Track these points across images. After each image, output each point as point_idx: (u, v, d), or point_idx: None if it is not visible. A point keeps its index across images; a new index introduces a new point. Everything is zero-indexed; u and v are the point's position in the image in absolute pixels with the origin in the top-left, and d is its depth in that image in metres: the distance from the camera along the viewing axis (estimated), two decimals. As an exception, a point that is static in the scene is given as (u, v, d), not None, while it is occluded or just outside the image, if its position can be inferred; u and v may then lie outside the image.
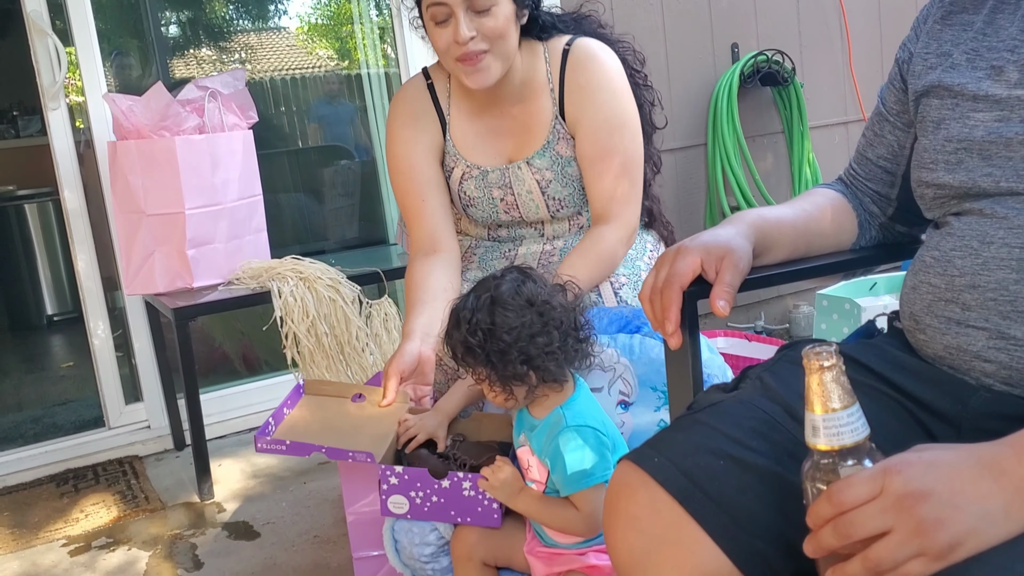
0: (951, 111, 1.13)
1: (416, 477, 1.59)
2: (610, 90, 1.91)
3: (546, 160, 1.95)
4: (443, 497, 1.59)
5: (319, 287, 2.61)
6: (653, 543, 0.98)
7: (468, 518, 1.60)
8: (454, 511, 1.60)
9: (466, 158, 1.99)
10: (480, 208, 2.03)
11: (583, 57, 1.92)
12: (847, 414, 0.84)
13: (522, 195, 1.98)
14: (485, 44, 1.78)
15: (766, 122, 3.61)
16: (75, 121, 3.08)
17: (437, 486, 1.59)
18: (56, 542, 2.50)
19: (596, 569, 1.51)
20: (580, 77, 1.91)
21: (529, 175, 1.96)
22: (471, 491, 1.58)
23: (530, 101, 1.95)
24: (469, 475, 1.58)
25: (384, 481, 1.60)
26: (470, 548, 1.60)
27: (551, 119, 1.94)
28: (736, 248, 1.18)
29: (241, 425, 3.21)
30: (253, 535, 2.44)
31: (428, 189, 1.99)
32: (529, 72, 1.93)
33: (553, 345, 1.44)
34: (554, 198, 1.97)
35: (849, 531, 0.80)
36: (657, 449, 1.03)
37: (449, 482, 1.58)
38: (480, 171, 1.99)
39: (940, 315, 1.08)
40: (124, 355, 3.23)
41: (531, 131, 1.96)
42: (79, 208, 3.00)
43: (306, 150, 4.30)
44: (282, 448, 1.64)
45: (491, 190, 2.00)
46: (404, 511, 1.62)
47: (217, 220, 2.77)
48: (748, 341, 2.90)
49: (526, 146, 1.97)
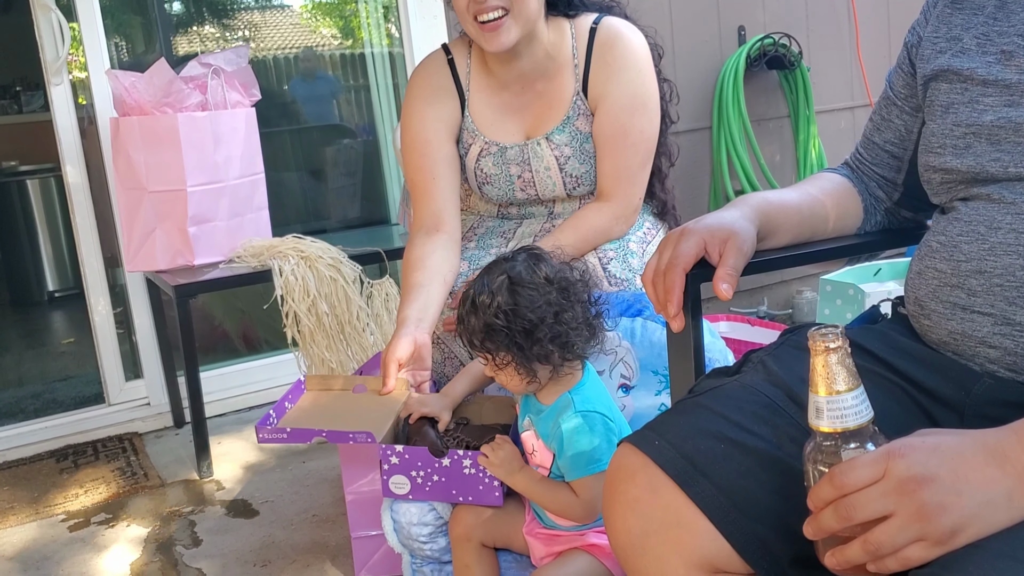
0: (960, 95, 1.12)
1: (416, 456, 1.59)
2: (636, 69, 1.92)
3: (565, 136, 1.95)
4: (444, 476, 1.59)
5: (320, 266, 2.60)
6: (652, 525, 0.98)
7: (469, 497, 1.60)
8: (455, 490, 1.60)
9: (484, 134, 1.99)
10: (496, 186, 2.02)
11: (612, 35, 1.92)
12: (851, 396, 0.83)
13: (540, 172, 1.98)
14: (504, 3, 1.79)
15: (772, 106, 3.59)
16: (78, 97, 3.06)
17: (438, 465, 1.58)
18: (55, 517, 2.50)
19: (596, 548, 1.51)
20: (607, 55, 1.91)
21: (548, 151, 1.96)
22: (471, 469, 1.57)
23: (554, 77, 1.95)
24: (469, 453, 1.57)
25: (385, 461, 1.60)
26: (468, 529, 1.60)
27: (572, 95, 1.94)
28: (740, 231, 1.17)
29: (241, 403, 3.21)
30: (252, 513, 2.44)
31: (440, 167, 1.99)
32: (555, 48, 1.94)
33: (578, 320, 1.45)
34: (571, 175, 1.97)
35: (850, 514, 0.79)
36: (658, 432, 1.03)
37: (449, 460, 1.58)
38: (499, 147, 1.99)
39: (945, 300, 1.07)
40: (125, 332, 3.23)
41: (552, 107, 1.96)
42: (81, 184, 2.99)
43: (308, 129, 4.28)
44: (283, 436, 1.64)
45: (509, 167, 1.99)
46: (406, 491, 1.62)
47: (219, 198, 2.76)
48: (750, 326, 2.89)
49: (546, 122, 1.97)
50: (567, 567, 1.50)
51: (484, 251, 2.05)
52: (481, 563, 1.60)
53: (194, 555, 2.23)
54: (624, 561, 1.02)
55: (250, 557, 2.20)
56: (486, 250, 2.05)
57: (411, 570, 1.70)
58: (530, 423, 1.55)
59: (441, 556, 1.68)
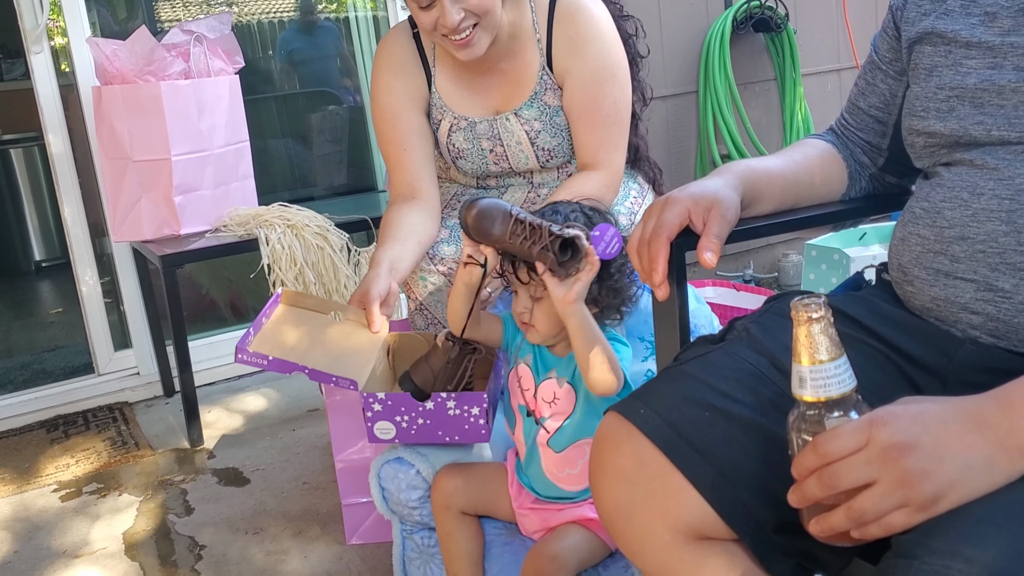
0: (943, 58, 1.12)
1: (399, 402, 1.58)
2: (600, 40, 1.89)
3: (534, 111, 1.93)
4: (429, 419, 1.58)
5: (307, 235, 2.60)
6: (639, 493, 0.99)
7: (456, 436, 1.60)
8: (441, 431, 1.60)
9: (453, 110, 1.97)
10: (469, 160, 2.01)
11: (572, 7, 1.89)
12: (834, 366, 0.84)
13: (511, 146, 1.97)
14: (473, 20, 1.76)
15: (758, 69, 3.58)
16: (59, 65, 3.03)
17: (421, 408, 1.58)
18: (47, 487, 2.51)
19: (591, 521, 1.52)
20: (569, 28, 1.88)
21: (518, 126, 1.94)
22: (456, 410, 1.57)
23: (517, 55, 1.93)
24: (452, 395, 1.57)
25: (368, 408, 1.59)
26: (447, 497, 1.59)
27: (538, 70, 1.92)
28: (724, 199, 1.17)
29: (230, 372, 3.21)
30: (243, 481, 2.45)
31: (410, 138, 1.98)
32: (516, 26, 1.90)
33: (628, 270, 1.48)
34: (543, 148, 1.96)
35: (834, 482, 0.80)
36: (643, 400, 1.03)
37: (433, 403, 1.57)
38: (468, 122, 1.97)
39: (928, 267, 1.07)
40: (112, 302, 3.22)
41: (519, 83, 1.94)
42: (64, 154, 2.97)
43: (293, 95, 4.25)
44: (263, 363, 1.60)
45: (480, 141, 1.98)
46: (391, 436, 1.61)
47: (204, 167, 2.74)
48: (736, 291, 2.90)
49: (514, 97, 1.95)
50: (564, 541, 1.49)
51: None
52: (463, 530, 1.60)
53: (186, 523, 2.25)
54: (611, 529, 1.03)
55: (242, 525, 2.21)
56: None
57: (401, 537, 1.72)
58: (553, 373, 1.54)
59: (431, 522, 1.68)
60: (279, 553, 2.07)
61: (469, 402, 1.58)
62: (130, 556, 2.12)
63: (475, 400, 1.58)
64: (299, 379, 3.12)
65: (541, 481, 1.56)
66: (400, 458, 1.67)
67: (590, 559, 1.52)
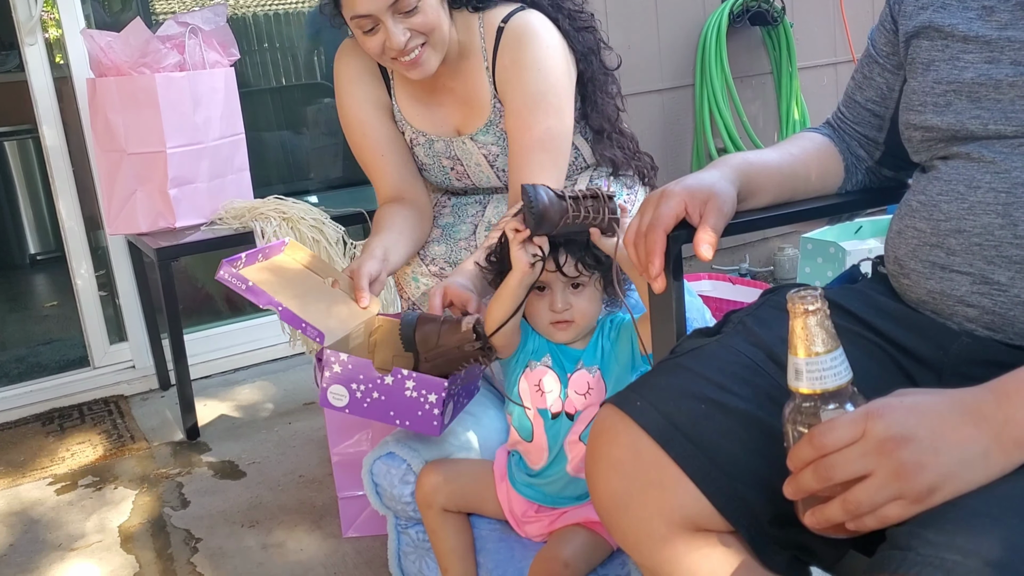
0: (941, 52, 1.12)
1: (360, 369, 1.52)
2: (535, 68, 1.81)
3: (491, 136, 1.90)
4: (384, 395, 1.52)
5: (302, 227, 2.59)
6: (635, 486, 0.99)
7: (406, 421, 1.53)
8: (393, 411, 1.53)
9: (411, 124, 1.95)
10: (432, 174, 2.00)
11: (514, 36, 1.81)
12: (830, 358, 0.84)
13: (471, 166, 1.95)
14: (420, 39, 1.72)
15: (755, 63, 3.58)
16: (53, 57, 3.02)
17: (379, 381, 1.51)
18: (42, 480, 2.51)
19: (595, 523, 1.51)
20: (507, 57, 1.82)
21: (475, 149, 1.92)
22: (413, 392, 1.51)
23: (468, 76, 1.88)
24: (414, 375, 1.51)
25: (327, 366, 1.52)
26: (428, 495, 1.58)
27: (490, 97, 1.87)
28: (720, 192, 1.17)
29: (226, 365, 3.21)
30: (239, 474, 2.45)
31: (384, 144, 1.95)
32: (464, 46, 1.85)
33: None
34: (503, 170, 1.93)
35: (829, 474, 0.80)
36: (639, 393, 1.03)
37: (393, 379, 1.51)
38: (426, 139, 1.94)
39: (924, 260, 1.08)
40: (108, 295, 3.22)
41: (473, 107, 1.90)
42: (59, 146, 2.96)
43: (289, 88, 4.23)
44: (242, 287, 1.53)
45: (440, 159, 1.96)
46: (343, 403, 1.54)
47: (199, 159, 2.73)
48: (732, 284, 2.91)
49: (470, 122, 1.91)
50: (572, 545, 1.48)
51: (460, 220, 2.04)
52: (447, 527, 1.58)
53: (182, 516, 2.25)
54: (607, 521, 1.04)
55: (238, 518, 2.21)
56: (463, 219, 2.03)
57: (396, 531, 1.72)
58: (581, 364, 1.53)
59: (427, 516, 1.69)
60: (275, 546, 2.07)
61: (428, 387, 1.52)
62: (126, 549, 2.12)
63: (434, 387, 1.51)
64: (295, 372, 3.13)
65: (562, 483, 1.53)
66: (392, 453, 1.66)
67: (597, 561, 1.52)
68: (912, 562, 0.74)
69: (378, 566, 1.93)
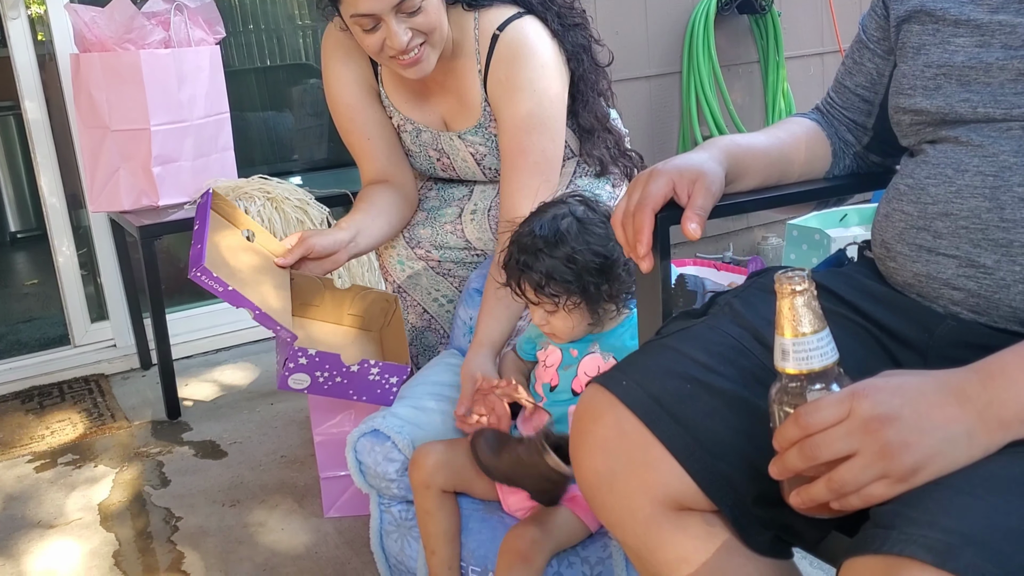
0: (932, 36, 1.12)
1: (326, 361, 1.59)
2: (530, 89, 1.79)
3: (479, 137, 1.89)
4: (346, 379, 1.61)
5: (287, 208, 2.58)
6: (619, 464, 0.99)
7: (364, 397, 1.64)
8: (352, 391, 1.64)
9: (399, 111, 1.94)
10: (418, 161, 1.99)
11: (509, 50, 1.79)
12: (817, 339, 0.84)
13: (457, 161, 1.94)
14: (421, 38, 1.70)
15: (742, 51, 3.57)
16: (37, 32, 2.99)
17: (345, 369, 1.60)
18: (21, 458, 2.49)
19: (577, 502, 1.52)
20: (501, 72, 1.80)
21: (463, 147, 1.91)
22: (377, 376, 1.61)
23: (459, 75, 1.86)
24: (378, 363, 1.61)
25: (292, 360, 1.58)
26: (428, 475, 1.58)
27: (481, 100, 1.86)
28: (708, 172, 1.17)
29: (208, 346, 3.19)
30: (220, 454, 2.44)
31: (372, 127, 1.95)
32: (459, 46, 1.83)
33: None
34: (490, 167, 1.93)
35: (815, 453, 0.81)
36: (625, 372, 1.04)
37: (359, 367, 1.60)
38: (414, 127, 1.94)
39: (911, 243, 1.08)
40: (89, 273, 3.19)
41: (463, 106, 1.89)
42: (41, 122, 2.93)
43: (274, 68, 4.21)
44: (219, 289, 1.55)
45: (427, 149, 1.96)
46: (304, 387, 1.63)
47: (183, 137, 2.71)
48: (717, 269, 2.91)
49: (459, 120, 1.91)
50: (544, 524, 1.49)
51: (446, 204, 2.03)
52: (443, 509, 1.59)
53: (162, 495, 2.24)
54: (591, 500, 1.04)
55: (218, 497, 2.21)
56: (448, 203, 2.03)
57: (379, 510, 1.71)
58: (596, 347, 1.58)
59: (409, 495, 1.68)
60: (256, 525, 2.06)
61: (392, 372, 1.61)
62: (105, 527, 2.11)
63: (398, 371, 1.62)
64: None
65: None
66: (376, 431, 1.66)
67: (568, 541, 1.52)
68: (895, 540, 0.75)
69: (359, 545, 1.93)
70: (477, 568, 1.60)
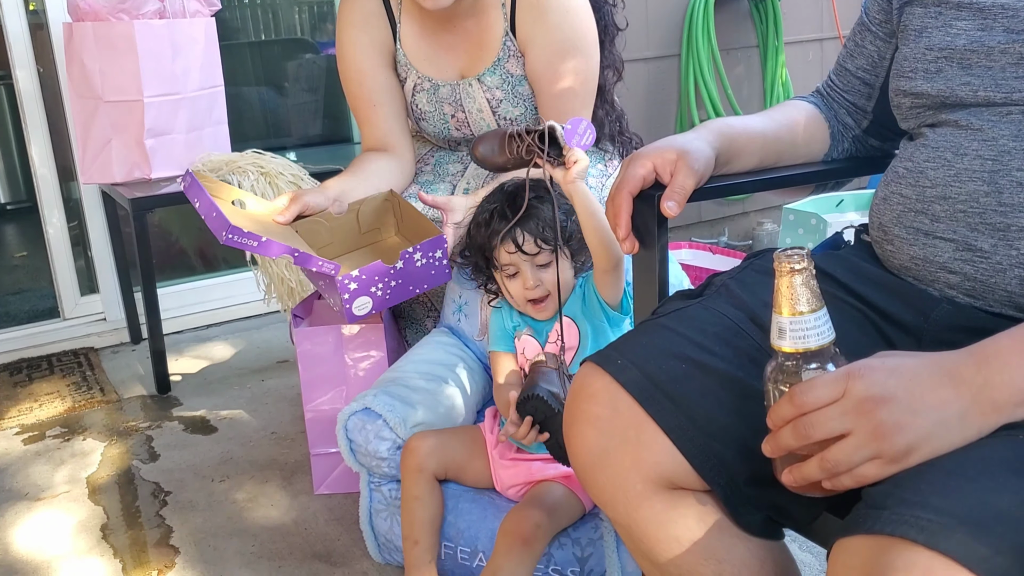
0: (934, 19, 1.11)
1: (374, 273, 1.66)
2: (562, 10, 1.81)
3: (496, 78, 1.89)
4: (400, 279, 1.67)
5: (281, 183, 2.56)
6: (612, 442, 0.99)
7: (425, 284, 1.71)
8: (412, 286, 1.70)
9: (417, 68, 1.94)
10: (432, 123, 1.99)
11: None
12: (814, 318, 0.84)
13: (472, 112, 1.94)
14: None
15: (741, 35, 3.56)
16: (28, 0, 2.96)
17: (393, 271, 1.67)
18: (9, 430, 2.48)
19: (571, 479, 1.52)
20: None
21: (480, 93, 1.91)
22: (422, 259, 1.67)
23: (481, 14, 1.88)
24: (418, 247, 1.67)
25: (344, 290, 1.64)
26: (422, 459, 1.59)
27: (502, 35, 1.87)
28: (692, 150, 1.17)
29: (199, 321, 3.18)
30: (210, 430, 2.43)
31: (379, 95, 1.95)
32: None
33: None
34: (505, 118, 1.93)
35: (809, 432, 0.80)
36: (620, 351, 1.03)
37: (402, 262, 1.66)
38: (432, 84, 1.94)
39: (909, 226, 1.08)
40: (80, 246, 3.17)
41: (482, 47, 1.90)
42: (32, 91, 2.91)
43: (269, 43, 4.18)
44: (254, 244, 1.57)
45: (442, 105, 1.96)
46: (369, 309, 1.68)
47: (177, 109, 2.69)
48: (712, 253, 2.91)
49: (478, 62, 1.91)
50: (543, 504, 1.50)
51: (440, 179, 2.02)
52: (431, 495, 1.60)
53: (151, 469, 2.23)
54: (584, 477, 1.04)
55: (208, 472, 2.20)
56: (442, 178, 2.02)
57: (369, 489, 1.71)
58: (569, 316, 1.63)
59: (399, 474, 1.68)
60: (245, 501, 2.06)
61: (431, 247, 1.68)
62: (93, 500, 2.10)
63: (436, 244, 1.68)
64: (269, 330, 3.11)
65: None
66: (367, 409, 1.66)
67: (568, 521, 1.53)
68: (887, 520, 0.75)
69: (349, 523, 1.92)
70: (467, 549, 1.60)
